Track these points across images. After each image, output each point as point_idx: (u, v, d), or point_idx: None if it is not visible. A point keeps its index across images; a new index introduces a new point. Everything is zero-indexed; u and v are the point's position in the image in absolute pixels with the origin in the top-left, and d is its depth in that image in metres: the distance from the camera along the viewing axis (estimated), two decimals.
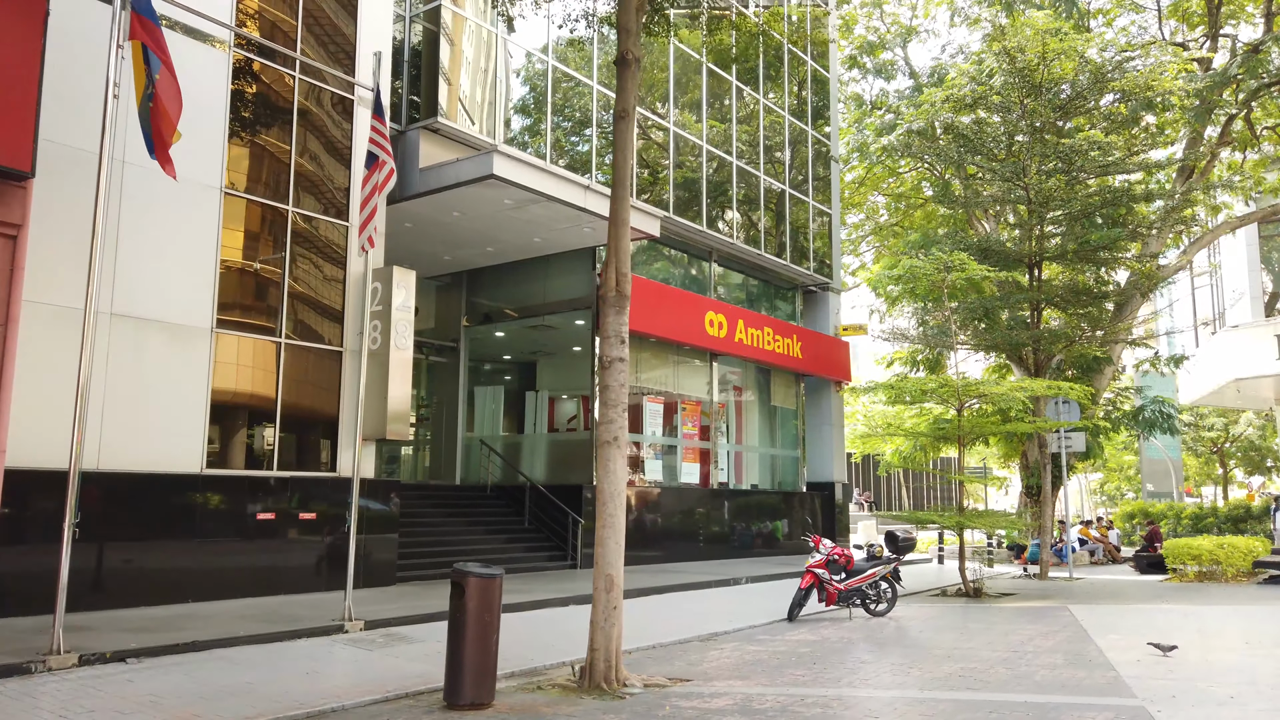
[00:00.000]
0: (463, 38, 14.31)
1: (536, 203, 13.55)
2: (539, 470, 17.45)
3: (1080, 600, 13.66)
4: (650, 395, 18.07)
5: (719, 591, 14.03)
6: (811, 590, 11.56)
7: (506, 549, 15.41)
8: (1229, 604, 12.92)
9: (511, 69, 15.21)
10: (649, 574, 15.08)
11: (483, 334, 18.49)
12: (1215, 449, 50.33)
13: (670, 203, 17.73)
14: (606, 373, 7.53)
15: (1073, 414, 18.28)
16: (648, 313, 16.91)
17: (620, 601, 7.30)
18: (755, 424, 21.92)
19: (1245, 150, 27.49)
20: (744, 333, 19.60)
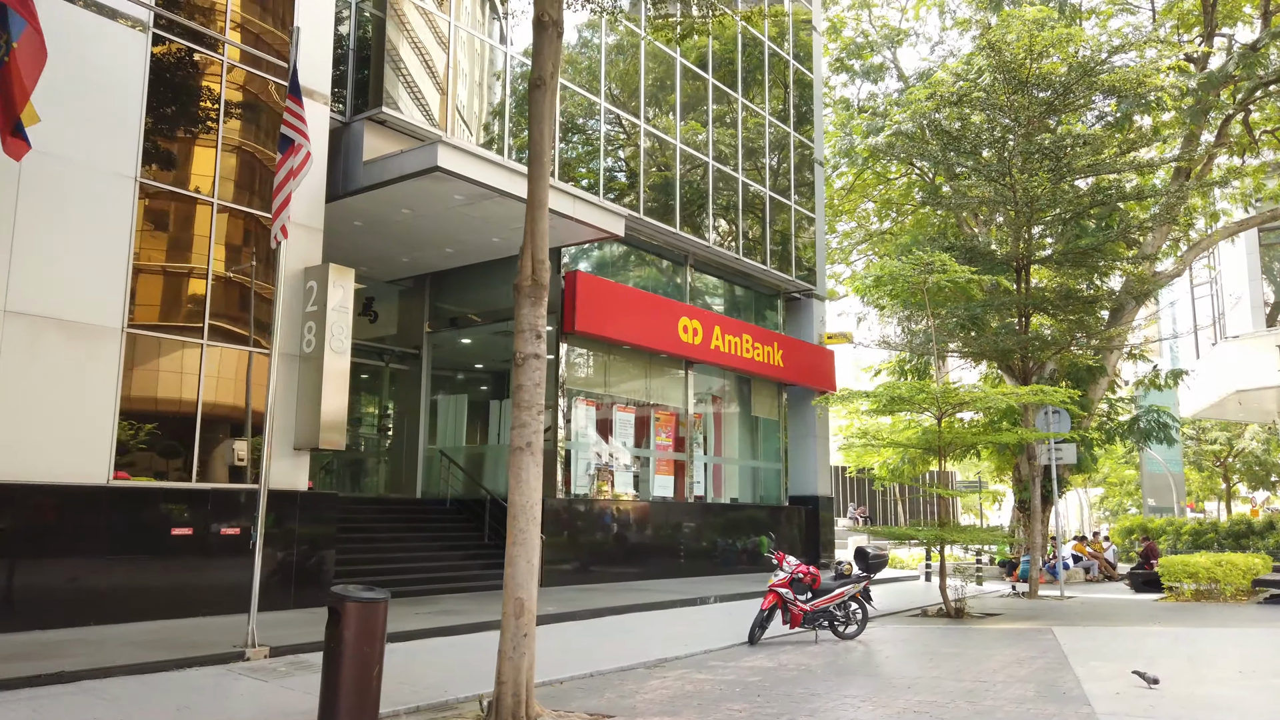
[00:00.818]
0: (413, 25, 13.62)
1: (489, 198, 12.82)
2: (502, 483, 16.62)
3: (1067, 621, 12.80)
4: (621, 405, 17.29)
5: (684, 611, 13.20)
6: (774, 611, 10.74)
7: (463, 566, 14.60)
8: (1225, 626, 12.07)
9: (464, 58, 14.51)
10: (612, 593, 14.26)
11: (446, 340, 17.73)
12: (1219, 463, 49.39)
13: (641, 203, 17.00)
14: (520, 371, 6.75)
15: (1063, 424, 17.45)
16: (614, 318, 16.15)
17: (532, 629, 6.50)
18: (735, 435, 21.11)
19: (1244, 155, 26.78)
20: (720, 340, 18.82)
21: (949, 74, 18.90)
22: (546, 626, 11.00)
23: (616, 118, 17.02)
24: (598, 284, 16.00)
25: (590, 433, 16.44)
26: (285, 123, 8.72)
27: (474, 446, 17.38)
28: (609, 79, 16.92)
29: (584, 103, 16.32)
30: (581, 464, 16.31)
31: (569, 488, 15.99)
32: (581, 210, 13.68)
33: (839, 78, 28.29)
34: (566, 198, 13.48)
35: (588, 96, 16.36)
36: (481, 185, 12.26)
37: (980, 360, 18.59)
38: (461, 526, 15.87)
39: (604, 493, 16.77)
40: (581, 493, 16.19)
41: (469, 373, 18.26)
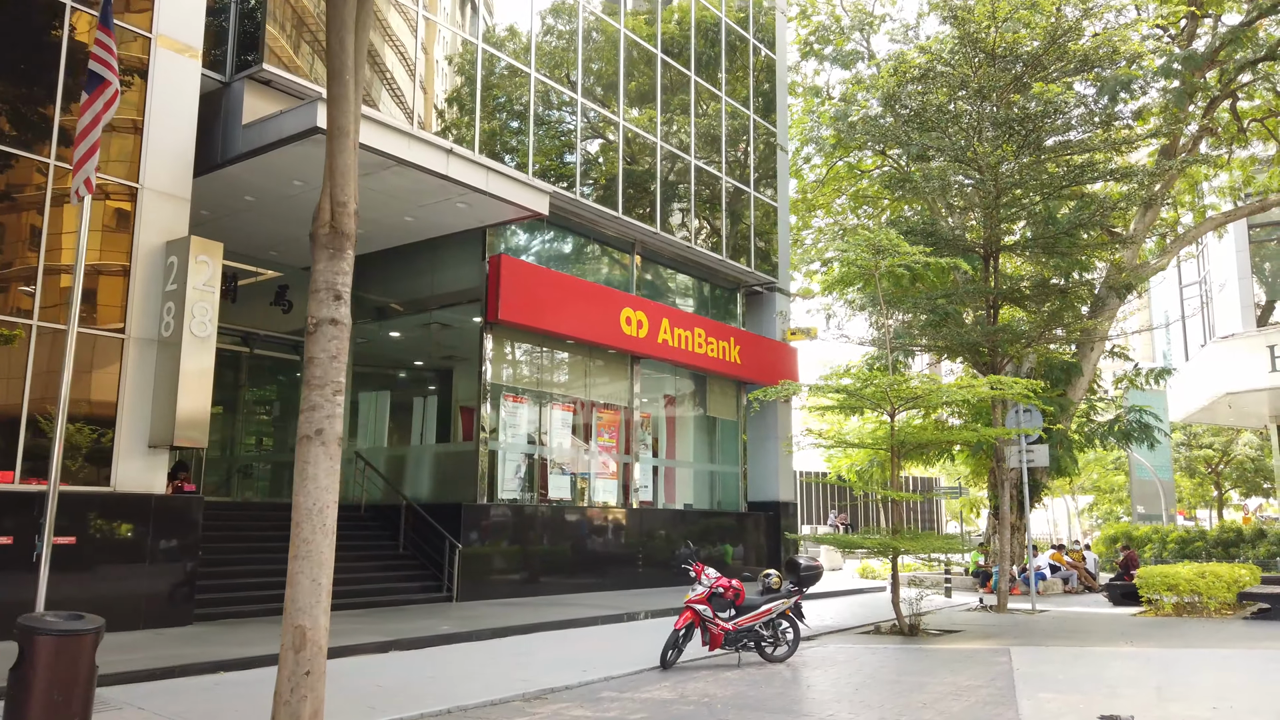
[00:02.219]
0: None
1: (387, 168, 11.51)
2: (424, 487, 15.30)
3: (1031, 640, 11.49)
4: (557, 402, 15.96)
5: (607, 629, 11.86)
6: (691, 631, 9.42)
7: (373, 579, 13.26)
8: (1205, 646, 10.76)
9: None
10: (532, 608, 12.91)
11: (368, 333, 16.41)
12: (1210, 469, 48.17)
13: (578, 184, 15.70)
14: (313, 340, 5.44)
15: (1034, 424, 16.16)
16: (546, 307, 14.84)
17: (318, 665, 5.14)
18: (690, 437, 19.80)
19: (1232, 145, 25.60)
20: (670, 334, 17.51)
21: (918, 51, 17.67)
22: (432, 650, 9.66)
23: (549, 91, 15.71)
24: (525, 269, 14.69)
25: (520, 432, 15.11)
26: (94, 56, 7.40)
27: (396, 448, 16.04)
28: (544, 51, 15.62)
29: (512, 72, 15.03)
30: (510, 466, 14.97)
31: (494, 491, 14.65)
32: (497, 184, 12.38)
33: (809, 64, 27.06)
34: (478, 169, 12.18)
35: (516, 65, 15.08)
36: (373, 151, 10.95)
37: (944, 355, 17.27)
38: (376, 535, 14.51)
39: (536, 497, 15.43)
40: (509, 497, 14.85)
41: (393, 368, 16.93)
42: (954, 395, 11.75)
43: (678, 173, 18.69)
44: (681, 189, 18.71)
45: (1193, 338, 33.94)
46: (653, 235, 17.55)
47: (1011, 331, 15.45)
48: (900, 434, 13.43)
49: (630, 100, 17.41)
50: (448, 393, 15.53)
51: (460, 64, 14.28)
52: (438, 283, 15.34)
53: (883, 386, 11.85)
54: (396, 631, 10.15)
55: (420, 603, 13.07)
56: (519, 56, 15.14)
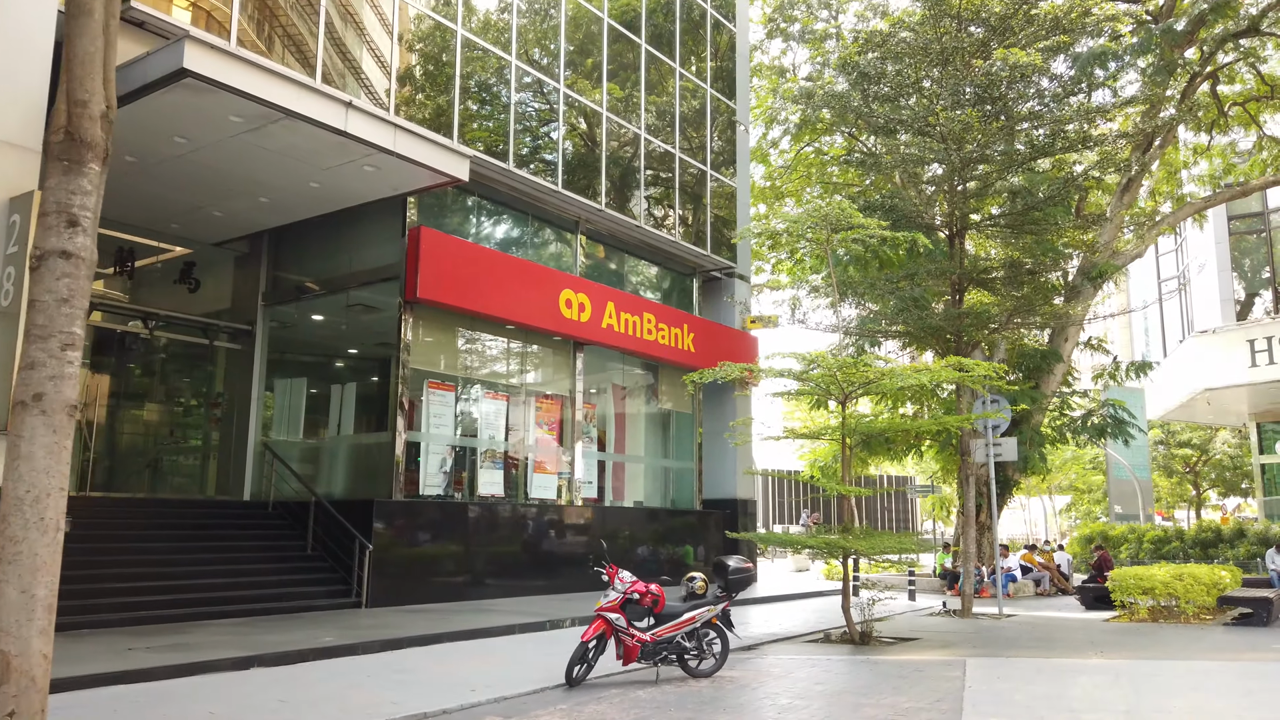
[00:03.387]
0: None
1: (277, 121, 10.25)
2: (339, 482, 14.05)
3: (990, 649, 10.38)
4: (488, 390, 14.73)
5: (520, 640, 10.65)
6: (604, 643, 8.23)
7: (273, 583, 12.00)
8: (1183, 657, 9.68)
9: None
10: (443, 616, 11.69)
11: (285, 315, 15.13)
12: (1188, 469, 47.50)
13: (511, 154, 14.48)
14: (37, 279, 4.21)
15: (1005, 420, 15.10)
16: (472, 285, 13.62)
17: (28, 703, 3.90)
18: (640, 430, 18.62)
19: (1212, 132, 24.71)
20: (615, 318, 16.33)
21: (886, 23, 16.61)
22: (302, 667, 8.42)
23: (480, 53, 14.47)
24: (448, 244, 13.45)
25: (445, 421, 13.87)
26: None
27: (312, 440, 14.77)
28: (473, 8, 14.36)
29: (436, 29, 13.79)
30: (433, 459, 13.73)
31: (414, 486, 13.41)
32: (407, 144, 11.14)
33: (775, 44, 25.96)
34: (384, 127, 10.94)
35: (440, 21, 13.83)
36: (257, 100, 9.70)
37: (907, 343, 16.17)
38: (284, 534, 13.24)
39: (463, 493, 14.20)
40: (433, 493, 13.61)
41: (310, 354, 15.64)
42: (908, 379, 10.62)
43: (627, 148, 17.51)
44: (631, 166, 17.53)
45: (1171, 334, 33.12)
46: (597, 213, 16.35)
47: (978, 316, 14.36)
48: (853, 423, 12.35)
49: (575, 70, 16.21)
50: (368, 380, 14.27)
51: (375, 17, 13.02)
52: (357, 259, 14.09)
53: (831, 369, 10.71)
54: (269, 644, 8.90)
55: (323, 609, 11.82)
56: (443, 11, 13.91)
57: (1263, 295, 27.70)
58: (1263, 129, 24.50)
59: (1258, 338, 25.40)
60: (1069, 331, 19.64)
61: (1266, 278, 27.66)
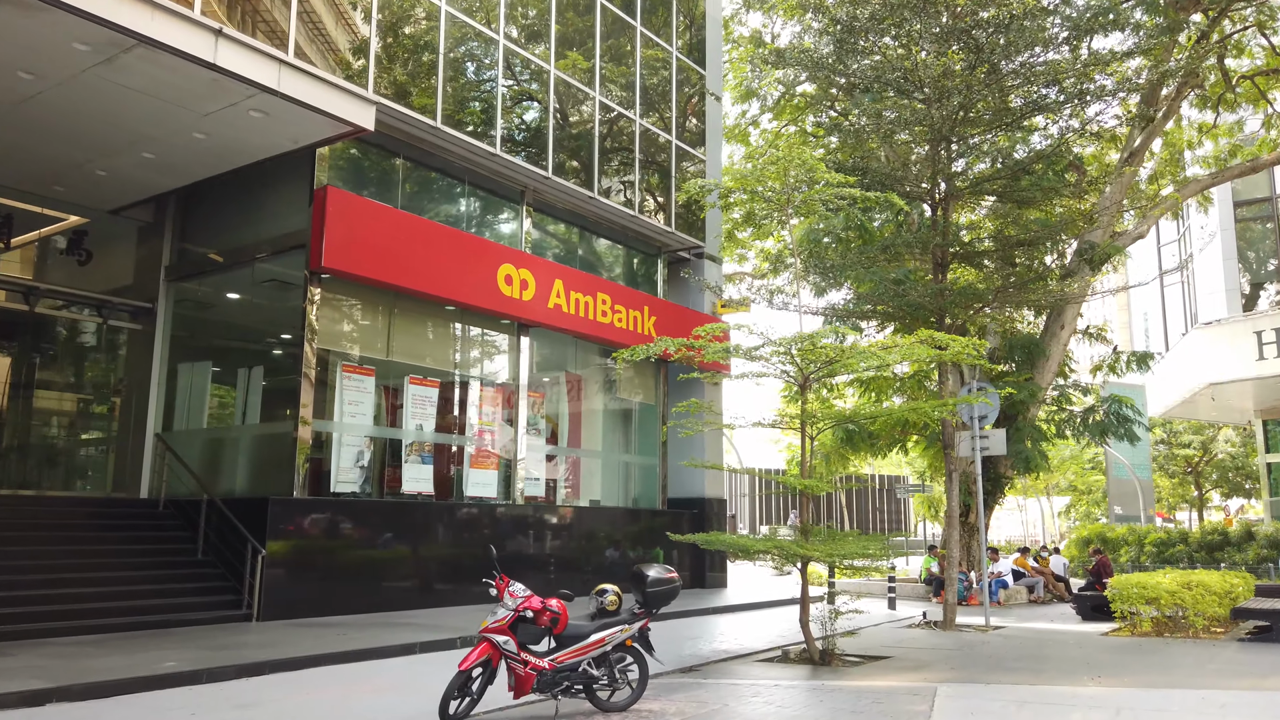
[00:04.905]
0: None
1: (128, 49, 8.73)
2: (240, 478, 12.51)
3: (970, 672, 8.85)
4: (415, 376, 13.18)
5: (422, 660, 9.11)
6: (490, 671, 6.70)
7: (154, 592, 10.49)
8: (1193, 683, 8.13)
9: None
10: (341, 631, 10.15)
11: (190, 292, 13.61)
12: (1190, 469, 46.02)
13: (439, 111, 12.93)
14: None
15: (991, 406, 13.58)
16: (391, 255, 12.09)
17: None
18: (598, 423, 17.09)
19: (1218, 109, 23.17)
20: (564, 298, 14.79)
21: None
22: (118, 700, 6.88)
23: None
24: (361, 206, 11.91)
25: (363, 410, 12.33)
26: None
27: (214, 431, 13.22)
28: None
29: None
30: (348, 452, 12.19)
31: (322, 483, 11.88)
32: (294, 82, 9.61)
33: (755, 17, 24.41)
34: (266, 61, 9.41)
35: None
36: (99, 21, 8.17)
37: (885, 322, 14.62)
38: (173, 538, 11.71)
39: (383, 491, 12.66)
40: (346, 490, 12.06)
41: (219, 333, 14.09)
42: (872, 358, 9.08)
43: (580, 112, 15.98)
44: (585, 133, 15.99)
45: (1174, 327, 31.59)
46: (544, 182, 14.81)
47: (963, 293, 12.81)
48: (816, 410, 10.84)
49: (518, 23, 14.68)
50: (277, 363, 12.72)
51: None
52: (265, 228, 12.56)
53: (785, 345, 9.18)
54: (97, 670, 7.37)
55: (206, 623, 10.28)
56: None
57: (1269, 288, 26.18)
58: (1272, 105, 22.99)
59: (1265, 329, 23.92)
60: (1065, 317, 18.12)
61: (1274, 268, 26.14)
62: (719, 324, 9.66)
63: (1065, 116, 12.65)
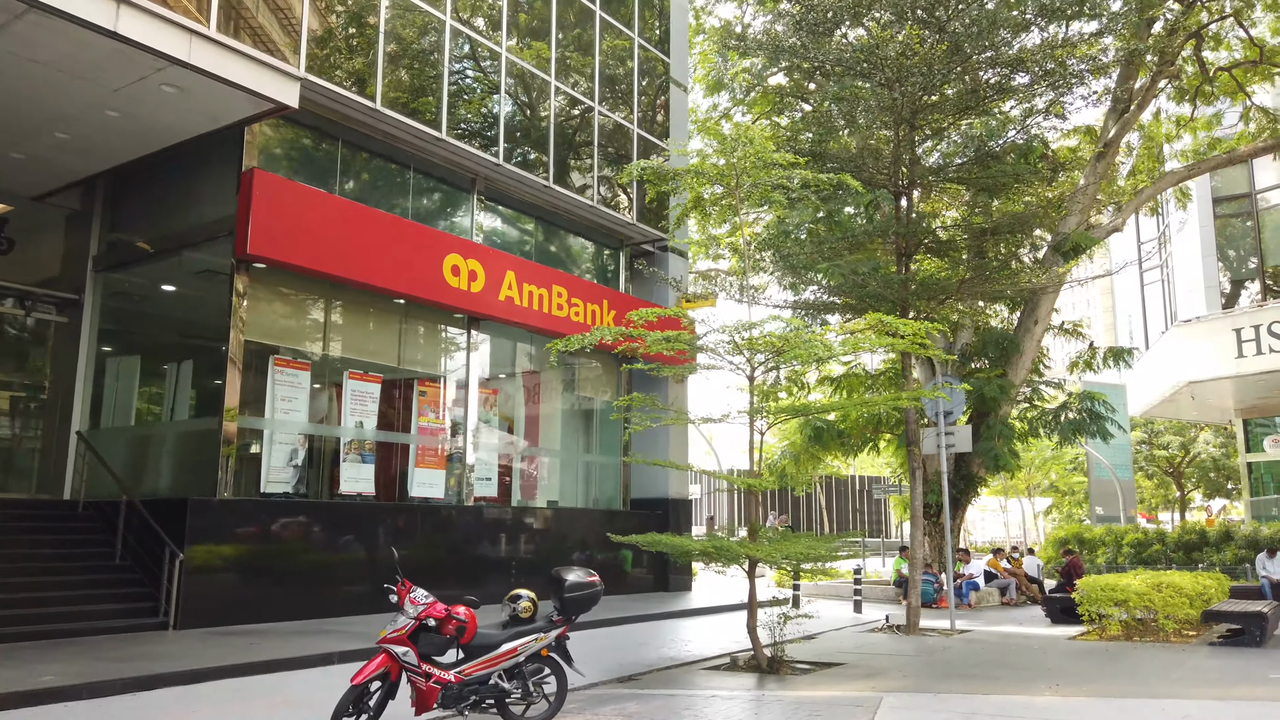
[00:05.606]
0: None
1: (19, 15, 8.13)
2: (165, 477, 11.89)
3: (923, 680, 8.32)
4: (354, 371, 12.58)
5: (338, 672, 8.48)
6: (390, 685, 6.12)
7: (64, 598, 9.85)
8: (1157, 692, 7.62)
9: None
10: (253, 641, 9.55)
11: (118, 283, 12.97)
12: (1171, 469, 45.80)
13: (380, 92, 12.33)
14: None
15: (956, 400, 13.10)
16: (324, 242, 11.49)
17: None
18: (556, 421, 16.52)
19: (1195, 101, 22.80)
20: (516, 290, 14.23)
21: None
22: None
23: None
24: (290, 190, 11.31)
25: (296, 406, 11.72)
26: None
27: (141, 428, 12.58)
28: None
29: None
30: (280, 450, 11.58)
31: (251, 483, 11.27)
32: (206, 54, 9.02)
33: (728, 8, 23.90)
34: (175, 31, 8.81)
35: None
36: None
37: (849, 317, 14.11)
38: (91, 541, 11.06)
39: (319, 492, 12.05)
40: (278, 490, 11.45)
41: (147, 326, 13.45)
42: (819, 347, 8.55)
43: (535, 98, 15.42)
44: (540, 119, 15.43)
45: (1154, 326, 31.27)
46: (496, 170, 14.24)
47: (925, 283, 12.31)
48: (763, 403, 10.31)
49: (467, 2, 14.10)
50: (206, 357, 12.09)
51: None
52: (192, 214, 11.94)
53: (728, 332, 8.64)
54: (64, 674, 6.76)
55: (119, 632, 9.65)
56: None
57: (1249, 286, 25.84)
58: (1250, 98, 22.62)
59: (1244, 326, 23.58)
60: (1039, 312, 17.65)
61: (1254, 266, 25.80)
62: (655, 309, 9.09)
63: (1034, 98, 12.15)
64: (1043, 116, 12.54)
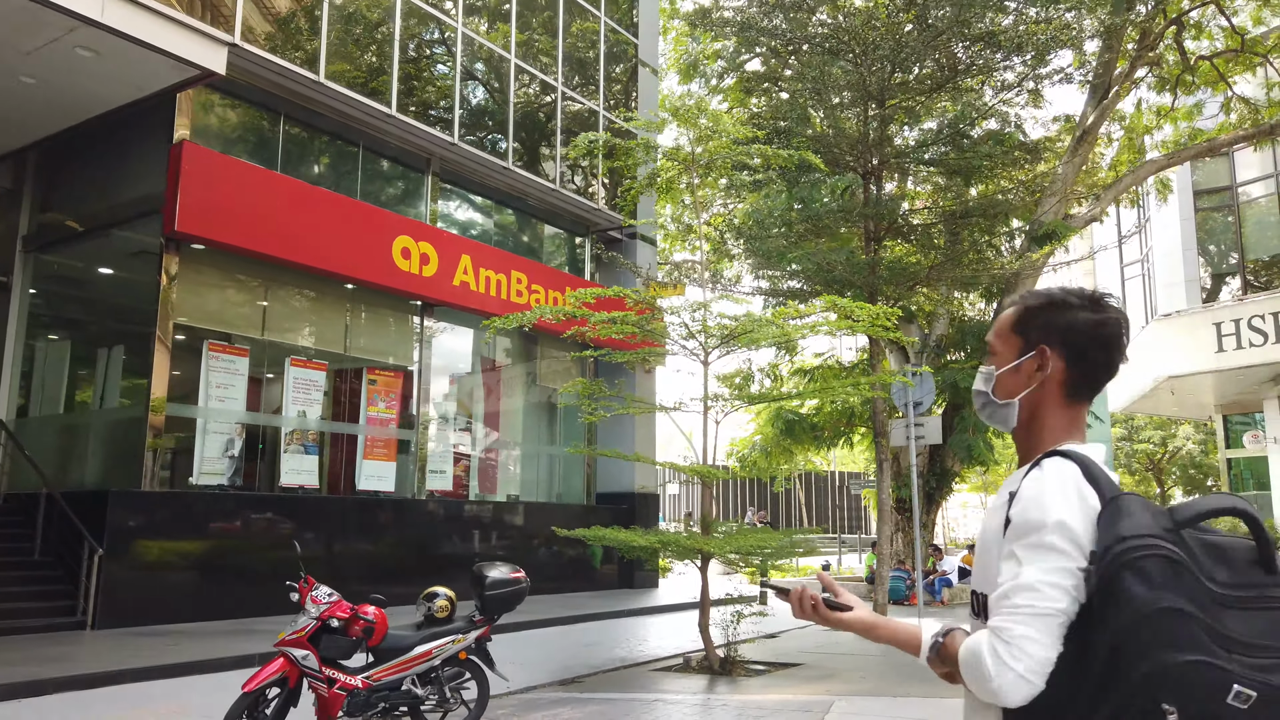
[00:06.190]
0: None
1: None
2: (91, 468, 11.26)
3: (879, 683, 7.84)
4: (300, 356, 11.99)
5: (236, 677, 7.94)
6: (291, 691, 5.58)
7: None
8: None
9: None
10: (168, 642, 8.97)
11: (49, 263, 12.32)
12: (1151, 466, 45.67)
13: (322, 64, 11.73)
14: None
15: (925, 390, 12.61)
16: (263, 220, 10.90)
17: None
18: (517, 412, 15.96)
19: (1176, 91, 22.45)
20: (471, 274, 13.66)
21: None
22: None
23: None
24: (226, 166, 10.71)
25: (233, 394, 11.12)
26: None
27: (69, 416, 11.95)
28: None
29: None
30: (215, 440, 10.97)
31: (184, 474, 10.68)
32: (118, 13, 8.41)
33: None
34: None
35: None
36: None
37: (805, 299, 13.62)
38: (8, 535, 10.42)
39: (257, 484, 11.46)
40: (213, 482, 10.85)
41: (80, 309, 12.81)
42: (772, 330, 8.05)
43: (494, 76, 14.84)
44: (499, 98, 14.86)
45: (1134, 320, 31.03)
46: (451, 149, 13.66)
47: (892, 268, 11.83)
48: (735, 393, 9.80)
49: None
50: (137, 341, 11.46)
51: None
52: (124, 191, 11.32)
53: (675, 311, 8.13)
54: None
55: (35, 631, 9.05)
56: None
57: (1230, 281, 25.55)
58: (1232, 88, 22.29)
59: (1224, 320, 23.30)
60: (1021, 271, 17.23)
61: (1234, 261, 25.51)
62: (595, 288, 8.57)
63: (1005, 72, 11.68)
64: (1015, 92, 12.07)
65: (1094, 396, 1.46)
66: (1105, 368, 1.42)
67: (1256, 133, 18.97)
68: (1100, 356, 1.41)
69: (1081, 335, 1.40)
